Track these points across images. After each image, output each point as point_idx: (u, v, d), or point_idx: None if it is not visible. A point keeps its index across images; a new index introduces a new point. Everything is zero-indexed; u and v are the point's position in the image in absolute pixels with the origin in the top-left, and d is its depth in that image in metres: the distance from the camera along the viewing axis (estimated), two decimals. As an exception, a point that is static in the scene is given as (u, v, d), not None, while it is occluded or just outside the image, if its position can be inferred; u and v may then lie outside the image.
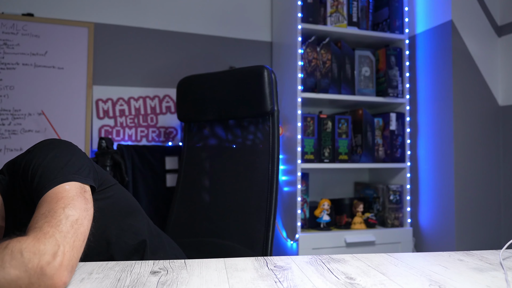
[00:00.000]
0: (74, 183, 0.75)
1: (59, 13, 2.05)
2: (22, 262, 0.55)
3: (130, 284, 0.67)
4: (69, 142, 0.86)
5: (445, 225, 1.98)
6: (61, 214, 0.65)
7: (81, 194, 0.74)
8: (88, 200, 0.75)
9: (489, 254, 0.91)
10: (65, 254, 0.61)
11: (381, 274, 0.75)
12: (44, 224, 0.62)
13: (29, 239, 0.58)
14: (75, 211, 0.68)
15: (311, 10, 2.06)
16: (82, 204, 0.71)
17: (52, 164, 0.77)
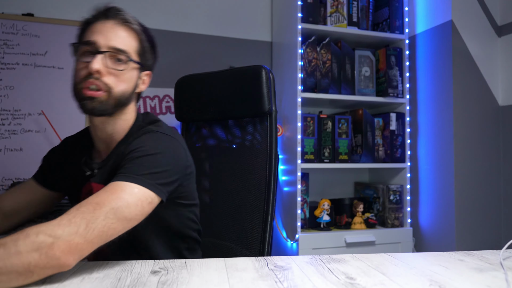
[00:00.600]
0: (146, 190, 0.78)
1: (59, 13, 2.05)
2: (34, 242, 0.62)
3: (130, 283, 0.67)
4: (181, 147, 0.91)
5: (445, 225, 1.98)
6: (103, 213, 0.70)
7: (141, 203, 0.77)
8: (144, 211, 0.78)
9: (489, 254, 0.91)
10: (78, 245, 0.65)
11: (381, 274, 0.75)
12: (79, 214, 0.68)
13: (54, 222, 0.65)
14: (118, 216, 0.72)
15: (311, 10, 2.06)
16: (132, 213, 0.75)
17: (146, 162, 0.81)
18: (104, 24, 0.91)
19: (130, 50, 0.92)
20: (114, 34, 0.90)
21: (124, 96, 0.90)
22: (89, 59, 0.86)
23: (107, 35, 0.89)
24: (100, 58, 0.86)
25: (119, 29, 0.92)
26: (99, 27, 0.91)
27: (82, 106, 0.86)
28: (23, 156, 1.94)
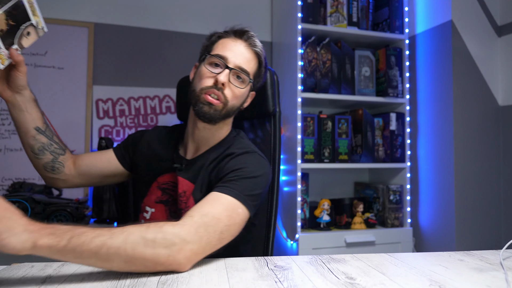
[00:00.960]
0: (245, 210, 0.87)
1: (59, 13, 2.05)
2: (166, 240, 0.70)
3: (130, 284, 0.67)
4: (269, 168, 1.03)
5: (445, 225, 1.98)
6: (219, 228, 0.79)
7: (243, 224, 0.87)
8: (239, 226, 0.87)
9: (489, 254, 0.91)
10: (197, 254, 0.75)
11: (381, 274, 0.75)
12: (203, 226, 0.77)
13: (184, 228, 0.74)
14: (230, 233, 0.83)
15: (311, 10, 2.06)
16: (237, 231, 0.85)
17: (251, 184, 0.91)
18: (235, 43, 1.00)
19: (251, 72, 1.01)
20: (242, 55, 0.99)
21: (233, 109, 1.00)
22: (217, 71, 0.97)
23: (237, 55, 0.99)
24: (227, 73, 0.96)
25: (247, 51, 1.01)
26: (230, 44, 1.00)
27: (198, 109, 0.96)
28: (23, 156, 1.93)
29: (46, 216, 1.60)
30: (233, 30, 1.04)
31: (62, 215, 1.63)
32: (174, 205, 1.03)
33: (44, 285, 0.66)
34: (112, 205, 1.84)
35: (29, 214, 1.58)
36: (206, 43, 1.05)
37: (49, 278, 0.70)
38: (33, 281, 0.68)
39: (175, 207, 1.03)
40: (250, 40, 1.02)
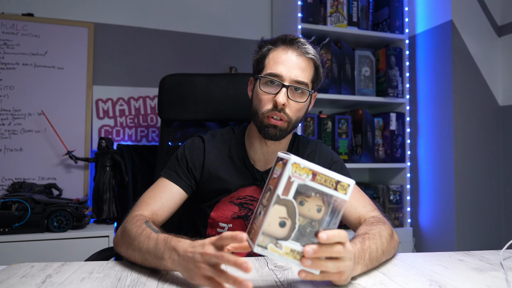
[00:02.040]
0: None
1: (59, 13, 2.05)
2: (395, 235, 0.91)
3: (130, 283, 0.67)
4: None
5: (445, 225, 1.98)
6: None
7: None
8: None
9: (489, 254, 0.91)
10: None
11: (381, 274, 0.75)
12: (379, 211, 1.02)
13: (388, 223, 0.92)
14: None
15: (311, 10, 2.06)
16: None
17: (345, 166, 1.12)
18: (286, 55, 0.96)
19: (308, 81, 0.97)
20: (297, 67, 0.95)
21: (298, 121, 1.00)
22: (273, 90, 0.95)
23: (291, 68, 0.95)
24: (285, 93, 0.93)
25: (300, 61, 0.96)
26: (281, 57, 0.96)
27: (264, 132, 0.97)
28: (23, 156, 1.94)
29: (46, 216, 1.60)
30: (282, 39, 0.99)
31: (62, 215, 1.63)
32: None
33: (44, 285, 0.66)
34: (112, 205, 1.84)
35: (29, 214, 1.58)
36: (257, 57, 1.01)
37: (49, 278, 0.70)
38: (33, 281, 0.68)
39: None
40: (302, 48, 0.97)
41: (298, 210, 0.59)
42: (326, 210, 0.61)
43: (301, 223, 0.60)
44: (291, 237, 0.59)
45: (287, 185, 0.58)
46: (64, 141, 1.95)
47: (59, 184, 1.94)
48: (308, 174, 0.59)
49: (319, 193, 0.60)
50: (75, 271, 0.74)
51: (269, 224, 0.58)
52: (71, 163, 1.99)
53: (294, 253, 0.60)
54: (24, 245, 1.56)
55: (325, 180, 0.60)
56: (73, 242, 1.62)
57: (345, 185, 0.61)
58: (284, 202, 0.59)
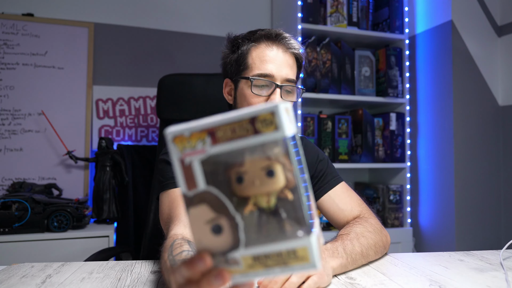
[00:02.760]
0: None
1: (59, 13, 2.05)
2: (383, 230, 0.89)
3: (130, 283, 0.67)
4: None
5: (445, 225, 1.98)
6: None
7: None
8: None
9: (489, 254, 0.91)
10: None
11: (381, 274, 0.75)
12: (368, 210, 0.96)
13: (373, 217, 0.91)
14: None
15: (311, 10, 2.06)
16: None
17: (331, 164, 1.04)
18: (272, 51, 0.91)
19: (295, 78, 0.94)
20: (285, 64, 0.91)
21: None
22: (264, 92, 0.89)
23: (280, 66, 0.90)
24: (279, 93, 0.89)
25: (287, 57, 0.92)
26: (268, 54, 0.90)
27: None
28: (23, 156, 1.94)
29: (46, 216, 1.60)
30: (266, 35, 0.91)
31: (62, 215, 1.63)
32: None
33: (44, 285, 0.66)
34: (112, 205, 1.84)
35: (29, 214, 1.58)
36: (234, 56, 0.92)
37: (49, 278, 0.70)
38: (33, 281, 0.68)
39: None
40: (286, 43, 0.92)
41: (241, 191, 0.37)
42: (285, 163, 0.36)
43: (262, 204, 0.36)
44: (242, 241, 0.37)
45: (186, 172, 0.37)
46: (64, 141, 1.95)
47: (59, 184, 1.94)
48: (203, 139, 0.37)
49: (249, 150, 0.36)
50: (75, 271, 0.74)
51: (199, 240, 0.37)
52: (71, 163, 1.99)
53: (262, 260, 0.37)
54: (24, 245, 1.56)
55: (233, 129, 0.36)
56: (73, 242, 1.62)
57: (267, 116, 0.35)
58: (199, 199, 0.38)
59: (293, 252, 0.36)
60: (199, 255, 0.36)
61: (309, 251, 0.35)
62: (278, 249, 0.36)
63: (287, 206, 0.36)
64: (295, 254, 0.36)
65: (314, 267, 0.35)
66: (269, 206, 0.36)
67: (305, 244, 0.35)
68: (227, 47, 0.96)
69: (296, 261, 0.36)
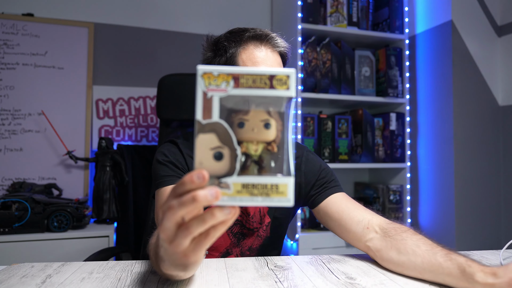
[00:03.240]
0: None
1: (59, 13, 2.05)
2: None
3: (130, 283, 0.67)
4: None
5: (445, 225, 1.98)
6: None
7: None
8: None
9: (489, 254, 0.91)
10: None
11: (381, 274, 0.75)
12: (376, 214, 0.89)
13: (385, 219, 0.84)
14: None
15: (311, 10, 2.06)
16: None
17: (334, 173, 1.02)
18: (261, 52, 0.90)
19: None
20: (275, 64, 0.91)
21: None
22: None
23: (271, 66, 0.90)
24: None
25: (276, 56, 0.92)
26: (257, 55, 0.90)
27: None
28: (23, 156, 1.94)
29: (46, 216, 1.60)
30: (253, 35, 0.91)
31: (62, 215, 1.63)
32: (238, 226, 0.97)
33: (44, 285, 0.66)
34: (112, 205, 1.84)
35: (29, 214, 1.58)
36: (223, 60, 0.91)
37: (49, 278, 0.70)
38: (33, 281, 0.68)
39: (238, 228, 0.98)
40: (274, 42, 0.91)
41: (239, 135, 0.44)
42: (279, 123, 0.45)
43: (251, 151, 0.44)
44: (236, 169, 0.44)
45: (205, 104, 0.44)
46: (64, 141, 1.95)
47: (59, 184, 1.94)
48: (227, 81, 0.45)
49: (256, 102, 0.45)
50: (75, 271, 0.74)
51: (200, 162, 0.43)
52: (71, 163, 1.99)
53: (249, 188, 0.44)
54: (24, 245, 1.56)
55: (254, 80, 0.44)
56: (73, 242, 1.62)
57: (283, 77, 0.44)
58: (210, 127, 0.44)
59: (276, 186, 0.44)
60: (198, 170, 0.42)
61: (288, 188, 0.44)
62: (264, 181, 0.44)
63: (270, 158, 0.44)
64: (277, 188, 0.44)
65: (289, 202, 0.44)
66: (256, 154, 0.44)
67: (286, 182, 0.44)
68: (210, 49, 0.95)
69: (276, 194, 0.44)
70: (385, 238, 0.78)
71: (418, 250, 0.71)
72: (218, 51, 0.93)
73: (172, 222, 0.45)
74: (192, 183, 0.42)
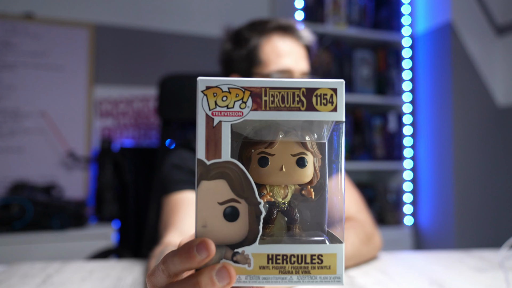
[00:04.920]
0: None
1: (60, 13, 2.05)
2: (375, 237, 0.86)
3: (131, 283, 0.67)
4: None
5: (445, 225, 1.98)
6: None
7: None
8: None
9: (489, 253, 0.91)
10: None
11: (381, 273, 0.75)
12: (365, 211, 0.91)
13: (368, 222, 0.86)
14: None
15: (311, 10, 2.06)
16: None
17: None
18: (285, 43, 0.84)
19: (309, 71, 0.88)
20: (300, 57, 0.86)
21: None
22: None
23: (297, 60, 0.85)
24: None
25: (301, 49, 0.87)
26: (282, 47, 0.84)
27: None
28: (23, 156, 1.94)
29: (46, 216, 1.61)
30: (276, 26, 0.85)
31: (62, 215, 1.63)
32: None
33: (45, 285, 0.66)
34: (112, 205, 1.84)
35: (29, 214, 1.58)
36: (244, 52, 0.85)
37: (49, 278, 0.70)
38: (33, 281, 0.68)
39: None
40: (298, 33, 0.86)
41: (261, 177, 0.31)
42: (317, 157, 0.32)
43: (277, 198, 0.31)
44: (259, 233, 0.29)
45: (210, 135, 0.30)
46: (64, 141, 1.95)
47: (59, 184, 1.94)
48: (244, 100, 0.30)
49: (285, 129, 0.31)
50: (75, 270, 0.74)
51: (204, 224, 0.30)
52: (71, 163, 1.99)
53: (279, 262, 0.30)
54: (24, 245, 1.56)
55: (283, 97, 0.29)
56: (73, 242, 1.62)
57: (327, 92, 0.30)
58: (218, 171, 0.30)
59: (319, 258, 0.29)
60: (201, 241, 0.28)
61: (337, 260, 0.29)
62: (302, 251, 0.29)
63: (305, 207, 0.31)
64: (321, 261, 0.29)
65: (339, 281, 0.30)
66: (284, 201, 0.31)
67: (335, 251, 0.29)
68: (230, 41, 0.89)
69: (320, 270, 0.30)
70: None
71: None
72: (238, 43, 0.86)
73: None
74: (190, 259, 0.28)
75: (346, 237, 0.77)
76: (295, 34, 0.86)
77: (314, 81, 0.30)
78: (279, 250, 0.29)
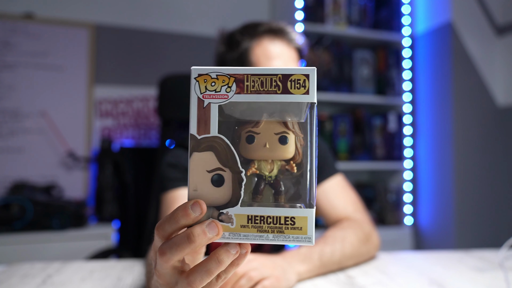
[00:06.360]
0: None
1: (60, 13, 2.05)
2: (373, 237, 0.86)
3: (131, 283, 0.67)
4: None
5: (445, 225, 1.98)
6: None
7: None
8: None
9: (489, 253, 0.91)
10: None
11: (381, 273, 0.75)
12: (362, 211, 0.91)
13: (365, 221, 0.87)
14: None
15: (311, 10, 2.06)
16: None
17: (330, 154, 0.97)
18: (275, 46, 0.86)
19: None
20: (290, 59, 0.87)
21: None
22: None
23: (286, 62, 0.86)
24: None
25: (291, 51, 0.88)
26: (272, 50, 0.85)
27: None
28: (23, 156, 1.94)
29: (46, 216, 1.61)
30: (267, 29, 0.86)
31: (62, 215, 1.63)
32: None
33: (45, 285, 0.66)
34: (112, 205, 1.84)
35: (29, 214, 1.58)
36: (236, 54, 0.87)
37: (49, 278, 0.70)
38: (33, 281, 0.68)
39: None
40: (289, 36, 0.87)
41: (249, 152, 0.35)
42: (299, 136, 0.35)
43: (264, 171, 0.35)
44: (241, 197, 0.35)
45: (201, 114, 0.35)
46: (64, 141, 1.95)
47: (59, 184, 1.94)
48: (229, 85, 0.35)
49: (269, 111, 0.35)
50: (75, 270, 0.74)
51: (195, 188, 0.35)
52: (71, 163, 1.99)
53: (257, 222, 0.35)
54: (24, 245, 1.56)
55: (262, 82, 0.35)
56: (73, 242, 1.62)
57: (300, 78, 0.35)
58: (207, 144, 0.35)
59: (292, 220, 0.34)
60: (195, 201, 0.34)
61: (308, 222, 0.34)
62: (277, 213, 0.34)
63: (289, 180, 0.35)
64: (293, 222, 0.34)
65: (309, 241, 0.34)
66: (271, 175, 0.35)
67: (305, 214, 0.34)
68: (223, 43, 0.91)
69: (292, 230, 0.34)
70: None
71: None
72: (231, 46, 0.88)
73: (168, 269, 0.36)
74: (186, 217, 0.33)
75: (345, 237, 0.77)
76: (286, 37, 0.87)
77: (289, 68, 0.35)
78: (258, 212, 0.35)
